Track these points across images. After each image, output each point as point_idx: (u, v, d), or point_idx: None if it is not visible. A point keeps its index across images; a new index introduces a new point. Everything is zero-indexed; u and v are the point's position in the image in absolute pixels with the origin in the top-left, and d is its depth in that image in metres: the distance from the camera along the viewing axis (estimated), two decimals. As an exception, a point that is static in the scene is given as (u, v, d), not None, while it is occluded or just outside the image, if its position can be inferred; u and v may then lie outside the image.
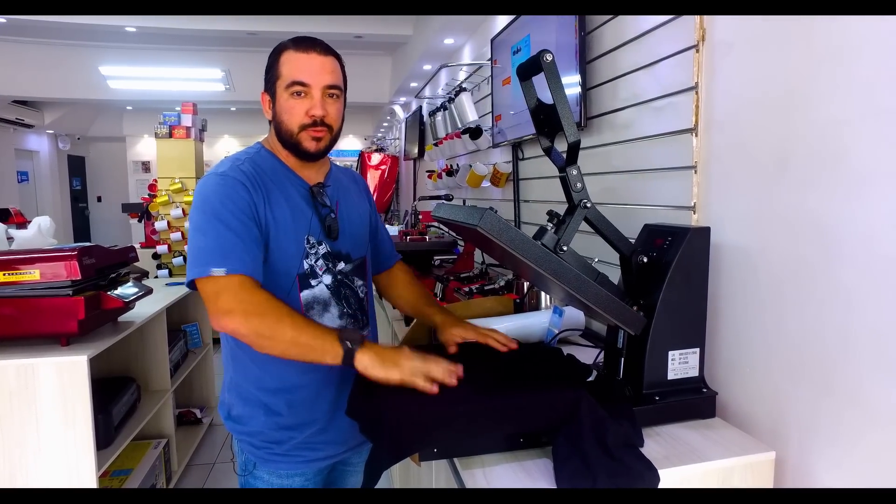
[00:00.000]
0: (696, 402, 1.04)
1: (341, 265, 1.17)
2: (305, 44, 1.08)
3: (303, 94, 1.07)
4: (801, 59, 0.94)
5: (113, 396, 1.96)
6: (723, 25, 1.11)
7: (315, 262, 1.13)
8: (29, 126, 7.50)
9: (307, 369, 1.10)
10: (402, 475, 1.97)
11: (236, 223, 1.02)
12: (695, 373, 1.04)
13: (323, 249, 1.14)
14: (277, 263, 1.09)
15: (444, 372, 0.94)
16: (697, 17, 1.16)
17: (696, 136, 1.18)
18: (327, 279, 1.14)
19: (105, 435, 1.83)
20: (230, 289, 0.98)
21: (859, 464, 0.87)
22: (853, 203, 0.86)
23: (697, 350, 1.04)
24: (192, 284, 1.03)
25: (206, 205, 1.04)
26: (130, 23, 4.60)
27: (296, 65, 1.07)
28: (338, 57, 1.12)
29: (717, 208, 1.15)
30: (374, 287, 1.34)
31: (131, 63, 5.75)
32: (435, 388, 0.91)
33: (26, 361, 1.60)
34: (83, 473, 1.64)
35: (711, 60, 1.14)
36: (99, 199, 10.02)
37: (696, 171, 1.19)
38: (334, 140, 1.14)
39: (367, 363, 0.94)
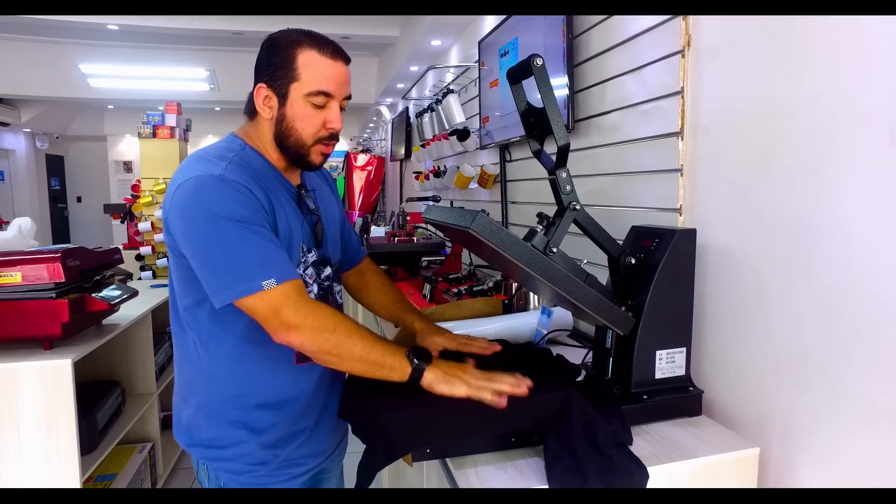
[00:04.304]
0: (682, 400, 1.06)
1: (327, 271, 1.12)
2: (330, 49, 1.00)
3: (324, 106, 1.00)
4: (783, 65, 0.97)
5: (97, 400, 1.93)
6: (708, 31, 1.14)
7: (304, 270, 1.06)
8: (5, 124, 7.33)
9: (299, 381, 1.06)
10: (391, 476, 1.96)
11: (260, 228, 0.94)
12: (681, 372, 1.06)
13: (312, 257, 1.08)
14: None
15: (511, 384, 0.91)
16: (683, 23, 1.18)
17: (682, 139, 1.20)
18: (315, 289, 1.09)
19: (89, 439, 1.80)
20: (289, 302, 0.91)
21: (840, 460, 0.89)
22: (833, 205, 0.88)
23: (684, 349, 1.06)
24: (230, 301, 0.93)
25: (218, 209, 0.91)
26: (112, 21, 4.53)
27: (322, 71, 0.98)
28: None
29: (702, 210, 1.17)
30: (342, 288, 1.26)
31: (113, 61, 5.66)
32: (503, 402, 0.89)
33: (8, 366, 1.57)
34: (66, 479, 1.61)
35: (697, 65, 1.17)
36: (79, 200, 9.83)
37: (682, 174, 1.21)
38: None
39: (433, 379, 0.92)
